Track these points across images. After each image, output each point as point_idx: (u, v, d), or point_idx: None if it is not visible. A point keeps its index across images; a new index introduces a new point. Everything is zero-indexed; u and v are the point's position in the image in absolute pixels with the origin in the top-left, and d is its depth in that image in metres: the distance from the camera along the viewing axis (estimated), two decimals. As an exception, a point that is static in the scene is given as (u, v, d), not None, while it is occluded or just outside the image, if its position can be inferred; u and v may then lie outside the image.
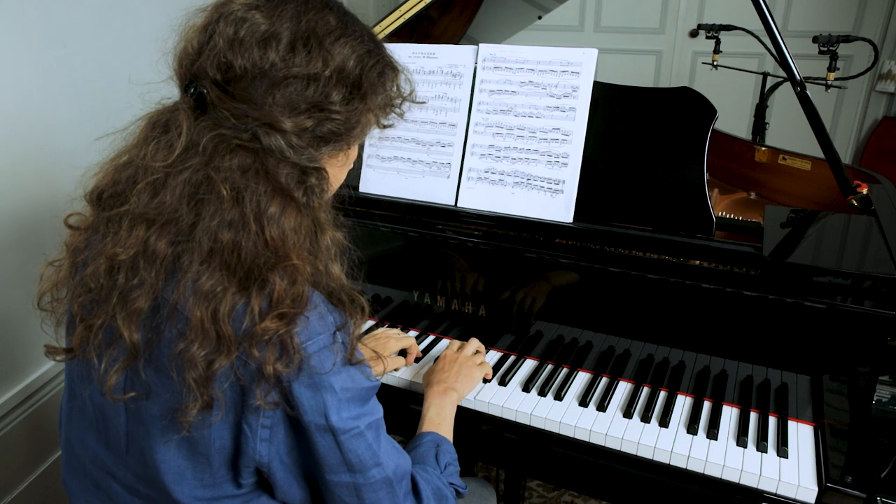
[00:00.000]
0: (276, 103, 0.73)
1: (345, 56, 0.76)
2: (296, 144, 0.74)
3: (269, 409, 0.74)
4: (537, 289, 1.29)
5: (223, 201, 0.70)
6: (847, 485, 0.99)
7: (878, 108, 3.60)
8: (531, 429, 1.18)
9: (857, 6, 3.47)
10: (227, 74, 0.73)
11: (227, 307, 0.70)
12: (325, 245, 0.77)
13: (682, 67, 3.80)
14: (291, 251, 0.72)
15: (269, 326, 0.70)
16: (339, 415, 0.75)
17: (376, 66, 0.80)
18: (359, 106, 0.79)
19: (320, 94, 0.75)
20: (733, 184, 1.75)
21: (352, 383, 0.77)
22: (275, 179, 0.73)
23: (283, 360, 0.71)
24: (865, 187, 1.33)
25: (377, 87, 0.81)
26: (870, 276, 1.03)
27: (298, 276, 0.72)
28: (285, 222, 0.72)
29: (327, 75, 0.75)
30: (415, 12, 1.51)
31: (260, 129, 0.73)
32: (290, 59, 0.73)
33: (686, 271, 1.15)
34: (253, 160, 0.73)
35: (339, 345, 0.76)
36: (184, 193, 0.71)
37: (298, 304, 0.72)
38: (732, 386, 1.19)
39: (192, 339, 0.70)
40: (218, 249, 0.70)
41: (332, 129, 0.77)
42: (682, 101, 1.21)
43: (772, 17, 1.26)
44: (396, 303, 1.44)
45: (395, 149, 1.40)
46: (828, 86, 1.94)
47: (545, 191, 1.27)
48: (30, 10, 1.60)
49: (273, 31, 0.73)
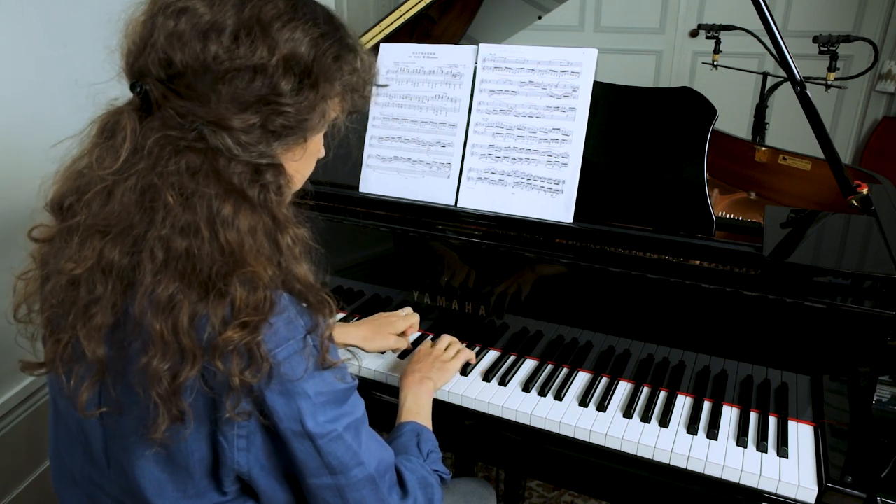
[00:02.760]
0: (221, 99, 0.69)
1: (294, 42, 0.71)
2: (245, 142, 0.71)
3: (242, 419, 0.72)
4: (537, 289, 1.29)
5: (172, 207, 0.67)
6: (847, 485, 0.99)
7: (878, 108, 3.60)
8: (531, 429, 1.18)
9: (857, 6, 3.47)
10: (169, 71, 0.69)
11: (186, 318, 0.67)
12: (286, 245, 0.73)
13: (682, 67, 3.80)
14: (249, 255, 0.69)
15: (232, 337, 0.67)
16: (315, 420, 0.74)
17: (331, 49, 0.74)
18: (311, 95, 0.73)
19: (268, 87, 0.70)
20: (733, 184, 1.75)
21: (326, 387, 0.75)
22: (226, 180, 0.70)
23: (251, 370, 0.69)
24: (865, 187, 1.33)
25: (333, 73, 0.75)
26: (870, 276, 1.03)
27: (258, 281, 0.69)
28: (240, 224, 0.69)
29: (274, 65, 0.69)
30: (415, 12, 1.51)
31: (206, 128, 0.69)
32: (233, 51, 0.68)
33: (686, 271, 1.15)
34: (202, 161, 0.69)
35: (311, 348, 0.74)
36: (133, 201, 0.68)
37: (261, 312, 0.69)
38: (732, 386, 1.19)
39: (154, 354, 0.67)
40: (172, 258, 0.67)
41: (283, 123, 0.72)
42: (682, 101, 1.21)
43: (772, 17, 1.26)
44: (396, 303, 1.44)
45: (396, 149, 1.40)
46: (828, 86, 1.94)
47: (545, 191, 1.27)
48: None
49: (215, 21, 0.68)
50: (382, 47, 1.42)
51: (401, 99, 1.40)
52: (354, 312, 1.49)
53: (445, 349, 1.26)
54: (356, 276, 1.45)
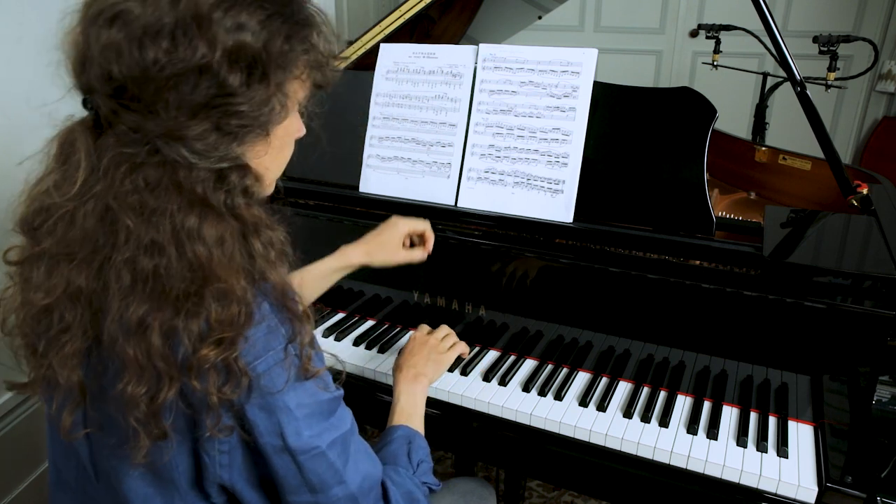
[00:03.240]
0: (170, 108, 0.64)
1: (237, 31, 0.65)
2: (201, 150, 0.66)
3: (223, 435, 0.70)
4: (537, 289, 1.29)
5: (133, 229, 0.65)
6: (847, 485, 0.99)
7: (878, 108, 3.60)
8: (531, 429, 1.18)
9: (857, 6, 3.47)
10: (111, 85, 0.65)
11: (158, 340, 0.65)
12: (258, 250, 0.70)
13: (682, 67, 3.80)
14: (219, 268, 0.66)
15: (208, 355, 0.65)
16: (297, 434, 0.71)
17: (281, 30, 0.68)
18: (264, 87, 0.68)
19: (215, 87, 0.65)
20: (733, 184, 1.75)
21: (308, 398, 0.73)
22: (188, 191, 0.66)
23: (230, 385, 0.66)
24: (865, 187, 1.33)
25: (286, 57, 0.69)
26: (870, 276, 1.03)
27: (231, 295, 0.66)
28: (207, 235, 0.66)
29: (218, 61, 0.64)
30: (415, 12, 1.51)
31: (159, 141, 0.65)
32: (173, 54, 0.63)
33: (686, 271, 1.15)
34: (160, 175, 0.66)
35: (292, 358, 0.70)
36: (93, 226, 0.66)
37: (237, 326, 0.66)
38: (732, 386, 1.19)
39: (130, 379, 0.66)
40: (140, 280, 0.65)
41: (239, 123, 0.68)
42: (682, 101, 1.21)
43: (772, 17, 1.26)
44: (397, 303, 1.44)
45: (396, 149, 1.40)
46: (828, 86, 1.94)
47: (545, 191, 1.27)
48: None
49: (149, 23, 0.63)
50: (382, 47, 1.42)
51: (401, 99, 1.40)
52: (355, 312, 1.49)
53: (442, 339, 1.22)
54: (356, 275, 1.44)
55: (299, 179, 1.48)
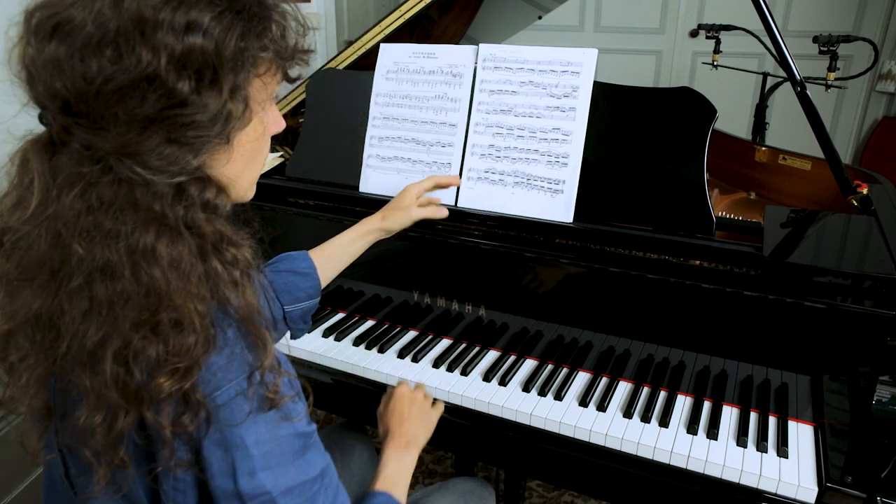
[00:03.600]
0: (119, 122, 0.60)
1: (186, 33, 0.60)
2: (156, 165, 0.62)
3: (180, 471, 0.65)
4: (537, 289, 1.29)
5: (85, 253, 0.61)
6: (847, 485, 0.99)
7: (878, 108, 3.60)
8: (531, 429, 1.18)
9: (857, 6, 3.47)
10: (57, 101, 0.61)
11: (112, 369, 0.62)
12: (219, 270, 0.65)
13: (682, 67, 3.81)
14: (174, 294, 0.62)
15: (162, 385, 0.61)
16: (250, 475, 0.65)
17: (234, 28, 0.63)
18: (218, 93, 0.62)
19: (163, 96, 0.60)
20: (733, 184, 1.75)
21: (269, 433, 0.66)
22: (146, 208, 0.62)
23: (187, 416, 0.62)
24: (865, 187, 1.33)
25: (242, 56, 0.64)
26: (870, 276, 1.03)
27: (186, 323, 0.62)
28: (162, 254, 0.62)
29: (165, 68, 0.59)
30: (415, 12, 1.51)
31: (111, 158, 0.61)
32: (117, 64, 0.58)
33: (686, 271, 1.15)
34: (115, 193, 0.62)
35: (256, 388, 0.65)
36: (48, 250, 0.62)
37: (192, 356, 0.62)
38: (732, 386, 1.19)
39: (86, 408, 0.63)
40: (95, 306, 0.61)
41: (193, 134, 0.63)
42: (682, 101, 1.21)
43: (772, 17, 1.26)
44: (396, 303, 1.44)
45: (396, 149, 1.40)
46: (828, 86, 1.94)
47: (545, 191, 1.27)
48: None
49: (89, 32, 0.58)
50: (382, 47, 1.42)
51: (401, 99, 1.40)
52: (355, 312, 1.50)
53: (425, 396, 1.16)
54: (356, 275, 1.45)
55: (299, 179, 1.48)
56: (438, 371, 1.29)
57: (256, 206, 1.45)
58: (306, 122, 1.49)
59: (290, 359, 0.75)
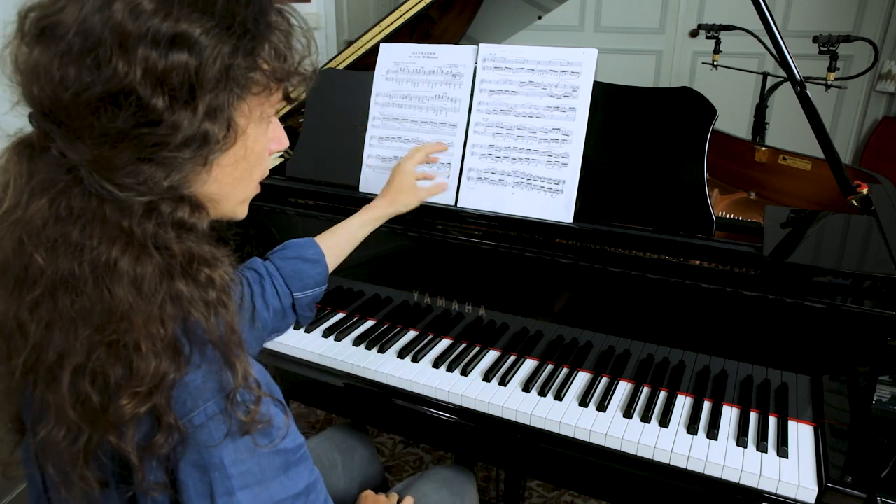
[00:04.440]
0: (94, 134, 0.58)
1: (169, 48, 0.57)
2: (125, 183, 0.59)
3: (155, 493, 0.62)
4: (537, 289, 1.29)
5: (45, 264, 0.59)
6: (847, 485, 0.99)
7: (878, 108, 3.60)
8: (531, 429, 1.18)
9: (857, 6, 3.47)
10: (38, 106, 0.59)
11: (71, 387, 0.59)
12: (184, 291, 0.62)
13: (682, 67, 3.81)
14: (136, 315, 0.59)
15: (124, 408, 0.58)
16: (228, 497, 0.62)
17: (222, 45, 0.59)
18: (190, 112, 0.59)
19: (137, 112, 0.57)
20: (733, 184, 1.75)
21: (248, 452, 0.63)
22: (113, 223, 0.60)
23: (160, 437, 0.59)
24: (865, 187, 1.33)
25: (228, 76, 0.60)
26: (870, 276, 1.03)
27: (147, 345, 0.59)
28: (125, 272, 0.59)
29: (140, 82, 0.56)
30: (415, 12, 1.51)
31: (83, 170, 0.59)
32: (94, 74, 0.56)
33: (686, 271, 1.15)
34: (84, 205, 0.60)
35: (234, 407, 0.62)
36: (11, 256, 0.60)
37: (155, 378, 0.59)
38: (732, 386, 1.19)
39: (50, 423, 0.60)
40: (57, 317, 0.59)
41: (167, 155, 0.59)
42: (682, 101, 1.21)
43: (772, 17, 1.26)
44: (397, 303, 1.44)
45: (396, 149, 1.40)
46: (828, 86, 1.94)
47: (545, 191, 1.27)
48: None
49: (71, 40, 0.56)
50: (382, 47, 1.42)
51: (401, 99, 1.40)
52: (355, 312, 1.50)
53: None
54: (356, 276, 1.45)
55: (299, 179, 1.48)
56: (438, 371, 1.30)
57: (257, 205, 1.45)
58: (306, 122, 1.49)
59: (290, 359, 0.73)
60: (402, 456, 2.26)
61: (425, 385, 1.26)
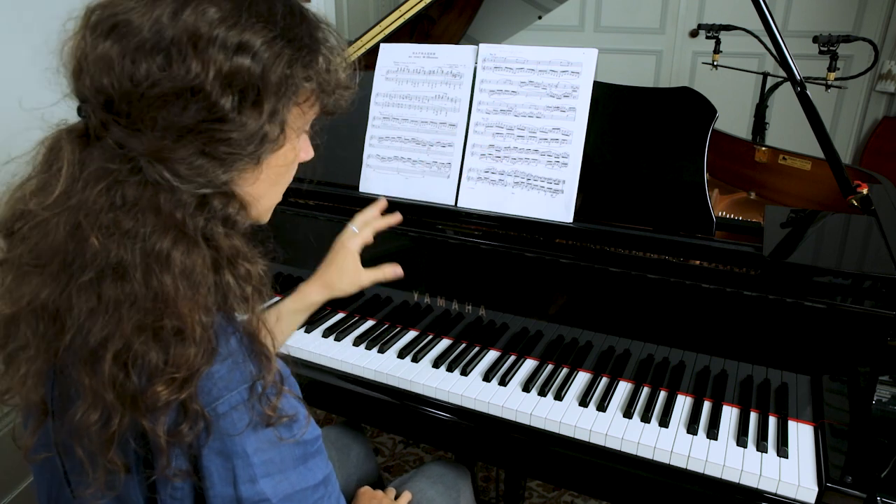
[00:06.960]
0: (157, 127, 0.61)
1: (237, 53, 0.62)
2: (184, 174, 0.63)
3: (177, 480, 0.65)
4: (537, 289, 1.29)
5: (101, 247, 0.61)
6: (847, 485, 0.99)
7: (878, 108, 3.60)
8: (531, 429, 1.18)
9: (857, 6, 3.47)
10: (102, 97, 0.62)
11: (111, 370, 0.61)
12: (230, 284, 0.66)
13: (682, 67, 3.80)
14: (181, 303, 0.62)
15: (159, 393, 0.61)
16: (251, 482, 0.65)
17: (283, 55, 0.65)
18: (258, 115, 0.64)
19: (204, 110, 0.61)
20: (733, 184, 1.75)
21: (270, 441, 0.66)
22: (167, 214, 0.63)
23: (186, 425, 0.62)
24: (865, 187, 1.33)
25: (286, 83, 0.66)
26: (870, 276, 1.03)
27: (189, 334, 0.62)
28: (176, 262, 0.62)
29: (211, 83, 0.61)
30: (415, 12, 1.51)
31: (142, 160, 0.63)
32: (165, 71, 0.60)
33: (686, 271, 1.15)
34: (139, 195, 0.63)
35: (257, 399, 0.65)
36: (64, 239, 0.62)
37: (192, 367, 0.62)
38: (732, 386, 1.19)
39: (84, 406, 0.63)
40: (103, 303, 0.62)
41: (227, 151, 0.64)
42: (682, 101, 1.21)
43: (772, 17, 1.26)
44: (397, 303, 1.44)
45: (396, 149, 1.40)
46: (828, 86, 1.94)
47: (545, 191, 1.27)
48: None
49: (145, 37, 0.60)
50: (382, 47, 1.42)
51: (401, 99, 1.40)
52: (355, 312, 1.50)
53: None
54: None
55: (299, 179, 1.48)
56: (438, 371, 1.29)
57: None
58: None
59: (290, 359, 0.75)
60: (402, 456, 2.26)
61: (425, 385, 1.26)
